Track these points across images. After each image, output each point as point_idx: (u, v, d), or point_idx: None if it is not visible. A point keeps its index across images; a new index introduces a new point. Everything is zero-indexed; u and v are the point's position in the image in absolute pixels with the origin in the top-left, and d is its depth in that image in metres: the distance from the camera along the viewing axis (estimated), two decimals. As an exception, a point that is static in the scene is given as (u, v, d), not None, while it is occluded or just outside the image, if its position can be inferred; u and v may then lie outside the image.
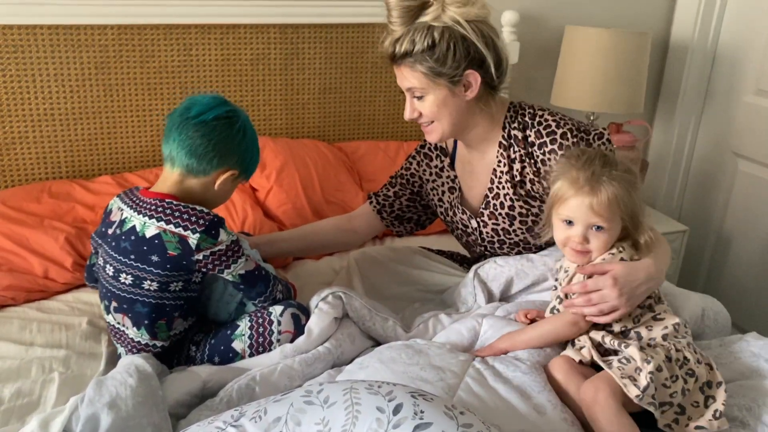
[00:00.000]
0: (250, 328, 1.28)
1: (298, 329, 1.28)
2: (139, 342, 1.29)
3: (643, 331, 1.19)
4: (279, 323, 1.28)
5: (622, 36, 2.14)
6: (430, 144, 1.57)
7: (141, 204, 1.27)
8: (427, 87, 1.33)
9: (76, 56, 1.83)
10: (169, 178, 1.29)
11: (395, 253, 1.64)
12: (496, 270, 1.44)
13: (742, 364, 1.28)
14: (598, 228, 1.18)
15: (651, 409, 1.06)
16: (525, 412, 1.07)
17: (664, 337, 1.16)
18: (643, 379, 1.06)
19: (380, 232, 1.76)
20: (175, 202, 1.25)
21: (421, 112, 1.37)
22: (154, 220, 1.23)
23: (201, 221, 1.22)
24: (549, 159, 1.35)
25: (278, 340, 1.27)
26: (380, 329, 1.35)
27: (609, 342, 1.17)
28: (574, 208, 1.18)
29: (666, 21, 2.58)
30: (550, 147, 1.35)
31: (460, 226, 1.56)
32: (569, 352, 1.19)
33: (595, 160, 1.18)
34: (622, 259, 1.19)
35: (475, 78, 1.32)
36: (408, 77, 1.34)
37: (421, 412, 0.85)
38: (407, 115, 1.39)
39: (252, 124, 1.35)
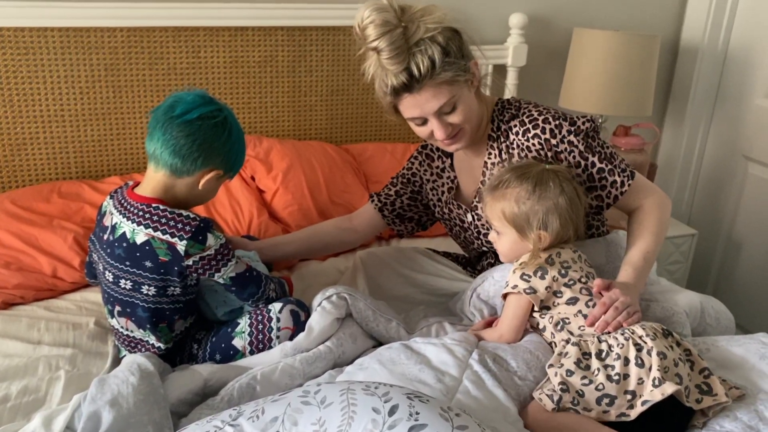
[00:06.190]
0: (250, 325, 1.29)
1: (298, 326, 1.29)
2: (147, 342, 1.31)
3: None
4: (278, 320, 1.29)
5: (631, 38, 2.13)
6: (431, 144, 1.58)
7: (129, 209, 1.27)
8: (456, 92, 1.31)
9: (86, 58, 1.85)
10: (153, 178, 1.29)
11: (401, 254, 1.65)
12: (495, 286, 1.40)
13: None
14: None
15: (572, 412, 1.09)
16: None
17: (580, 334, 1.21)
18: (556, 393, 1.10)
19: (381, 231, 1.77)
20: (161, 207, 1.25)
21: (452, 123, 1.35)
22: (142, 227, 1.23)
23: (187, 227, 1.22)
24: (533, 144, 1.38)
25: (278, 337, 1.28)
26: (383, 330, 1.36)
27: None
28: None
29: (676, 23, 2.56)
30: (533, 132, 1.38)
31: (457, 222, 1.57)
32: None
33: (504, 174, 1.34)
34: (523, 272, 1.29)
35: (476, 66, 1.36)
36: (433, 96, 1.30)
37: (417, 413, 0.85)
38: (441, 135, 1.35)
39: (238, 122, 1.33)
